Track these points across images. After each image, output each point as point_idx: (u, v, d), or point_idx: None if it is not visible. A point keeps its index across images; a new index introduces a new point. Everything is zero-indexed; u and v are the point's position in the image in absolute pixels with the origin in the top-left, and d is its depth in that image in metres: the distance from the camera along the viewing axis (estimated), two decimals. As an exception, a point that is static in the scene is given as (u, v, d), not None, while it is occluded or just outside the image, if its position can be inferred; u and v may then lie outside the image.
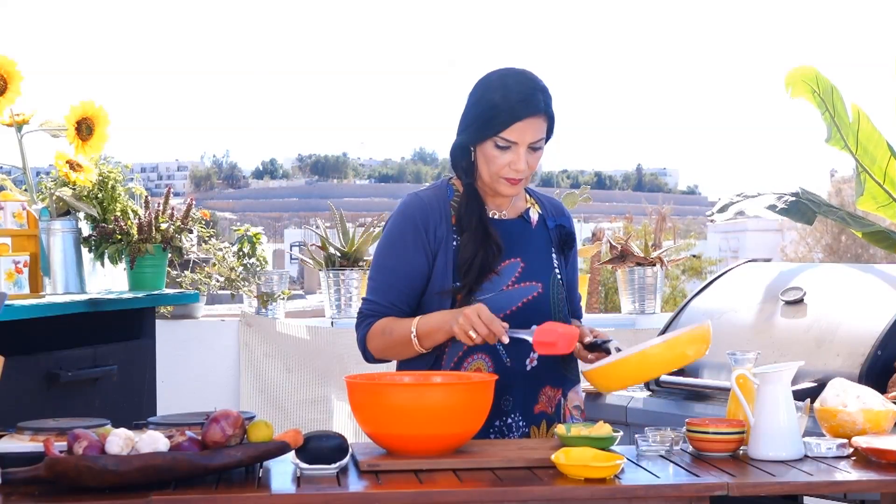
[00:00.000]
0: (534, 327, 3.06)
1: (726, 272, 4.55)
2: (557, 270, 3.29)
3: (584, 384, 3.31)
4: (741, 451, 2.91)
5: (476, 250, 3.17)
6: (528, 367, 3.22)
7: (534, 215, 3.33)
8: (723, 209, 5.16)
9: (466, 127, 3.18)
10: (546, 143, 3.21)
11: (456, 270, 3.17)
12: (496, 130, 3.12)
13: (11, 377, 2.95)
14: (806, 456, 2.85)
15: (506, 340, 3.03)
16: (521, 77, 3.18)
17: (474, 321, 3.00)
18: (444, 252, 3.20)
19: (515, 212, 3.30)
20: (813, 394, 3.28)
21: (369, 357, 3.26)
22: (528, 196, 3.36)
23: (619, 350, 3.09)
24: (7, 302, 3.10)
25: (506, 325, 3.04)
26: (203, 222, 4.85)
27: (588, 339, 3.17)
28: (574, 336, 3.06)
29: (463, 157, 3.22)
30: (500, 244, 3.19)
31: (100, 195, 4.41)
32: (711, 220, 5.26)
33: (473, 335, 3.01)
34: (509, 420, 3.19)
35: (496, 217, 3.26)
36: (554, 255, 3.30)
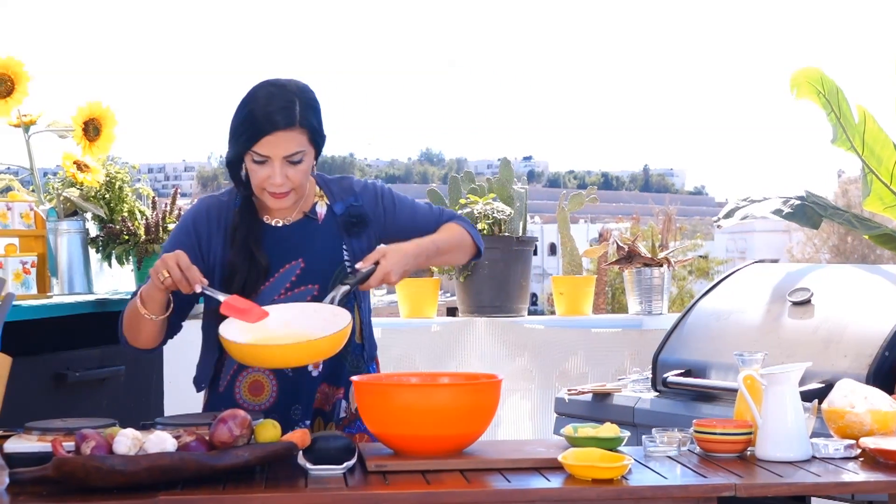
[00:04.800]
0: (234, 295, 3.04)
1: (734, 273, 4.55)
2: (348, 260, 3.21)
3: None
4: (749, 452, 2.91)
5: (236, 269, 3.15)
6: (314, 373, 3.21)
7: (321, 209, 3.26)
8: (729, 214, 5.15)
9: (229, 141, 3.15)
10: (317, 155, 3.17)
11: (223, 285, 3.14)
12: (248, 145, 3.08)
13: (19, 377, 2.95)
14: (813, 457, 2.85)
15: (198, 290, 2.97)
16: (276, 89, 3.11)
17: (170, 264, 2.95)
18: (220, 265, 3.18)
19: (300, 212, 3.24)
20: (820, 395, 3.27)
21: (123, 341, 3.21)
22: (318, 188, 3.29)
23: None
24: (15, 302, 3.10)
25: (206, 281, 2.99)
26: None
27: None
28: (266, 314, 3.02)
29: (237, 169, 3.18)
30: (265, 261, 3.15)
31: (107, 196, 4.42)
32: (718, 226, 5.26)
33: (164, 276, 2.95)
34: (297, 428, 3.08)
35: (278, 224, 3.23)
36: (344, 244, 3.23)
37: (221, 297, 3.01)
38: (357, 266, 3.13)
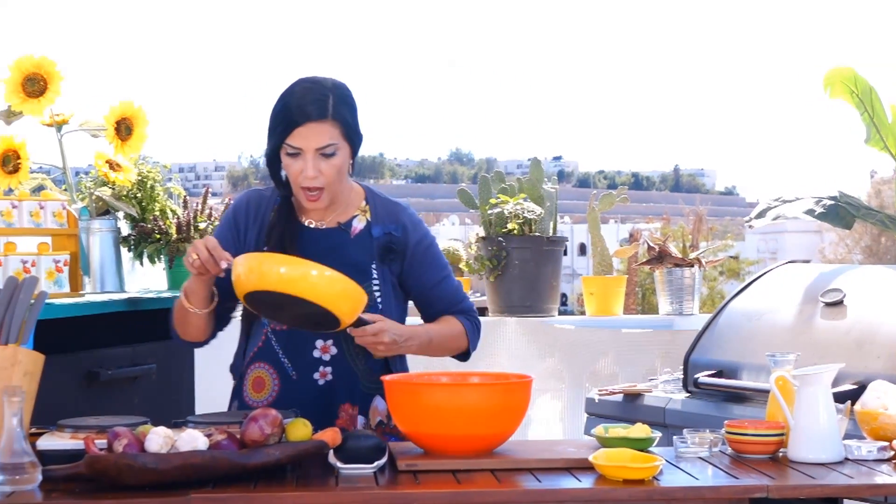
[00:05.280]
0: None
1: (765, 273, 4.53)
2: (376, 281, 3.21)
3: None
4: (781, 454, 2.90)
5: None
6: (321, 382, 3.20)
7: (358, 224, 3.26)
8: (761, 214, 5.14)
9: (267, 136, 3.18)
10: (353, 153, 3.18)
11: None
12: (282, 137, 3.11)
13: (51, 375, 2.97)
14: (846, 458, 2.84)
15: (224, 266, 2.98)
16: (311, 84, 3.14)
17: (198, 247, 3.00)
18: None
19: (335, 221, 3.25)
20: (853, 396, 3.26)
21: (174, 335, 3.26)
22: (364, 202, 3.29)
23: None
24: (47, 301, 3.11)
25: (231, 258, 2.99)
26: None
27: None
28: None
29: (277, 167, 3.21)
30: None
31: (139, 195, 4.43)
32: (750, 226, 5.25)
33: (193, 258, 2.99)
34: None
35: (312, 226, 3.24)
36: (374, 266, 3.22)
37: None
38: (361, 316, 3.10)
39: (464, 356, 3.38)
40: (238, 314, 3.33)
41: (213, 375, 4.84)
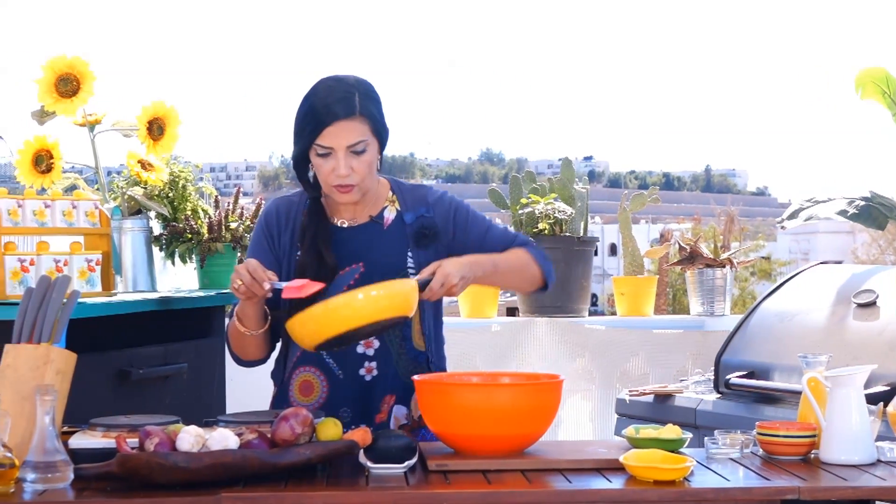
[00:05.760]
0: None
1: (798, 274, 4.52)
2: (412, 269, 3.21)
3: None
4: (812, 455, 2.89)
5: (305, 268, 3.18)
6: (368, 378, 3.21)
7: (389, 214, 3.27)
8: (793, 215, 5.12)
9: (294, 139, 3.19)
10: (381, 148, 3.19)
11: None
12: (311, 138, 3.11)
13: (83, 374, 2.98)
14: (878, 460, 2.82)
15: (267, 287, 3.00)
16: (334, 83, 3.15)
17: (240, 272, 3.02)
18: (287, 262, 3.24)
19: (367, 215, 3.26)
20: (886, 398, 3.24)
21: (235, 358, 3.31)
22: (391, 193, 3.31)
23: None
24: (79, 300, 3.13)
25: (273, 276, 3.03)
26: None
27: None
28: (321, 285, 3.03)
29: (304, 170, 3.22)
30: (332, 261, 3.18)
31: (170, 194, 4.45)
32: (782, 227, 5.23)
33: (238, 284, 3.01)
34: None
35: (344, 225, 3.26)
36: (410, 253, 3.23)
37: (282, 285, 3.04)
38: (415, 278, 3.11)
39: (543, 287, 3.36)
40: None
41: (243, 375, 4.86)
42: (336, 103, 3.10)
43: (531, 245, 3.34)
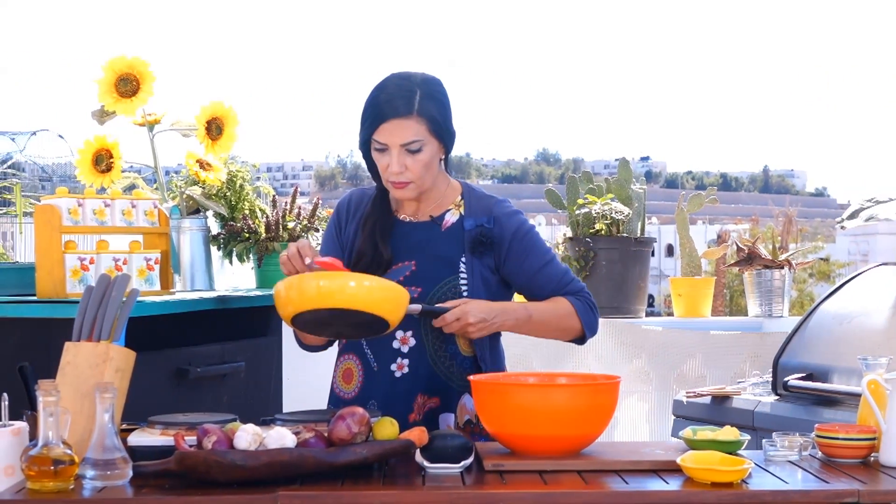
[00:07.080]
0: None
1: (857, 275, 4.48)
2: (464, 274, 3.20)
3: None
4: (872, 458, 2.86)
5: (362, 256, 3.22)
6: (398, 374, 3.21)
7: (451, 217, 3.27)
8: (853, 215, 5.08)
9: (360, 129, 3.21)
10: (446, 150, 3.21)
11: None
12: (370, 132, 3.15)
13: (142, 372, 3.01)
14: (940, 464, 2.79)
15: (307, 262, 3.02)
16: (401, 80, 3.17)
17: (290, 247, 3.08)
18: (349, 251, 3.28)
19: (428, 215, 3.27)
20: (947, 401, 3.20)
21: (300, 344, 3.36)
22: (459, 197, 3.30)
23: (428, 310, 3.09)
24: (139, 298, 3.15)
25: (316, 254, 3.06)
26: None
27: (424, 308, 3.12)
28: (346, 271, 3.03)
29: (373, 160, 3.23)
30: (388, 254, 3.21)
31: (228, 194, 4.47)
32: (842, 227, 5.19)
33: (284, 260, 3.07)
34: None
35: (406, 220, 3.27)
36: (464, 258, 3.21)
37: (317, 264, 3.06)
38: (438, 305, 3.12)
39: (580, 340, 3.32)
40: None
41: (300, 374, 4.88)
42: (395, 100, 3.12)
43: (583, 294, 3.29)
